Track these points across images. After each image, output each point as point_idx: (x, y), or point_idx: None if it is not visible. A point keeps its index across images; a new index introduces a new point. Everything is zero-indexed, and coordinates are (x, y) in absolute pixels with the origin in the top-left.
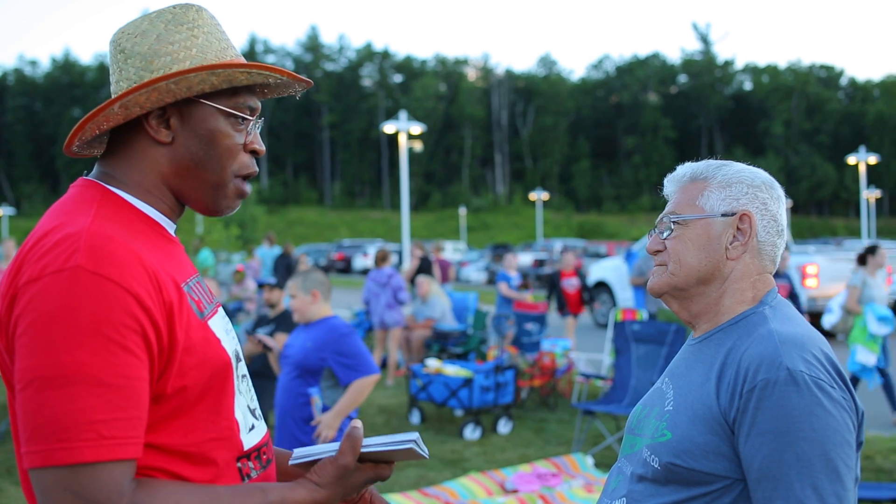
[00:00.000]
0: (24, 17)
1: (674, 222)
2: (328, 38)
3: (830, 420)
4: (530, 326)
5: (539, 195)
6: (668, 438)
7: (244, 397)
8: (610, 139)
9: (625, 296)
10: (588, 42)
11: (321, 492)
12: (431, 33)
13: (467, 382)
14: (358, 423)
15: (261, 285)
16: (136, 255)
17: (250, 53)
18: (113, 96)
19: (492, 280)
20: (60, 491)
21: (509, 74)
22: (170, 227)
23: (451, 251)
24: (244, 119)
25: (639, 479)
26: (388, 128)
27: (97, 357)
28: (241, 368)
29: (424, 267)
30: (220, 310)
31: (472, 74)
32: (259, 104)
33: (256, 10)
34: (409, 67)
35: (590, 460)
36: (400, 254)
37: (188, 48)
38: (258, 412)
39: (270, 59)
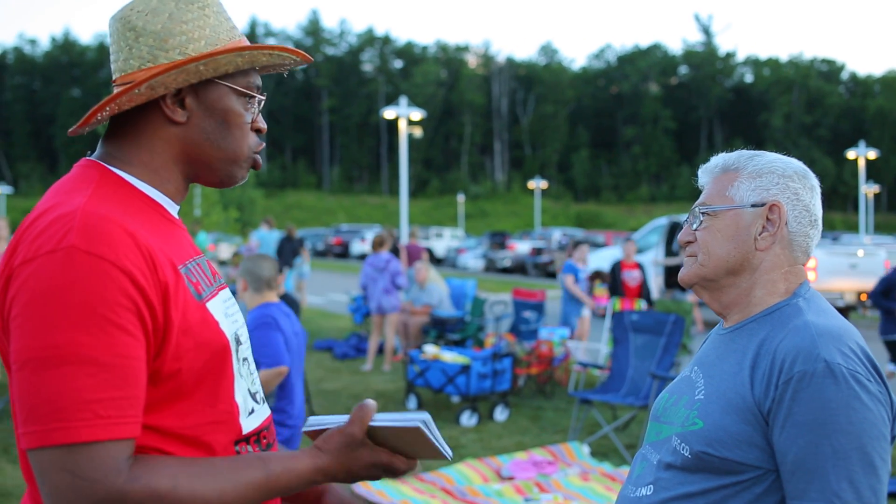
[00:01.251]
0: None
1: (703, 213)
2: (329, 23)
3: (867, 413)
4: (528, 314)
5: (538, 184)
6: (700, 427)
7: (245, 381)
8: (610, 129)
9: None
10: (590, 31)
11: (324, 458)
12: (433, 19)
13: (465, 369)
14: (371, 401)
15: None
16: (130, 234)
17: (251, 36)
18: (118, 74)
19: (490, 267)
20: (58, 471)
21: (510, 62)
22: (172, 208)
23: (449, 238)
24: (252, 97)
25: (667, 466)
26: (388, 113)
27: (92, 336)
28: (243, 352)
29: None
30: (224, 292)
31: (472, 61)
32: (261, 83)
33: None
34: (409, 53)
35: (586, 449)
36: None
37: (202, 27)
38: (259, 396)
39: (271, 42)
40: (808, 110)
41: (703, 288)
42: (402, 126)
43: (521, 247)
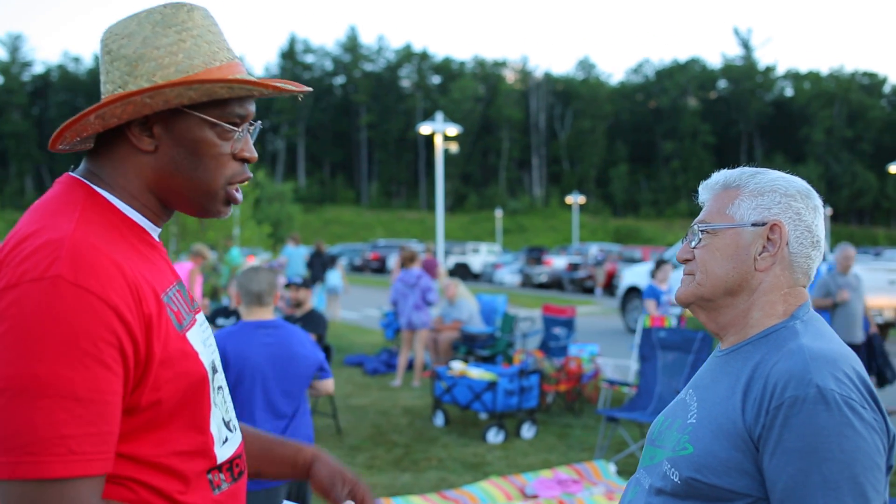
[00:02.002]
0: (69, 15)
1: (702, 231)
2: (367, 39)
3: (860, 442)
4: (558, 331)
5: (576, 199)
6: (690, 452)
7: (219, 409)
8: (648, 144)
9: None
10: (627, 46)
11: None
12: (470, 35)
13: (491, 386)
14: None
15: (287, 284)
16: (118, 266)
17: (290, 53)
18: (102, 97)
19: (526, 283)
20: None
21: (548, 77)
22: (153, 231)
23: (486, 253)
24: (231, 127)
25: (657, 492)
26: (425, 129)
27: (72, 371)
28: (218, 380)
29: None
30: (200, 317)
31: (510, 77)
32: (251, 109)
33: (296, 11)
34: (447, 69)
35: (612, 467)
36: (434, 254)
37: (174, 53)
38: (233, 423)
39: (310, 58)
40: (850, 124)
41: (700, 308)
42: (439, 141)
43: (558, 262)
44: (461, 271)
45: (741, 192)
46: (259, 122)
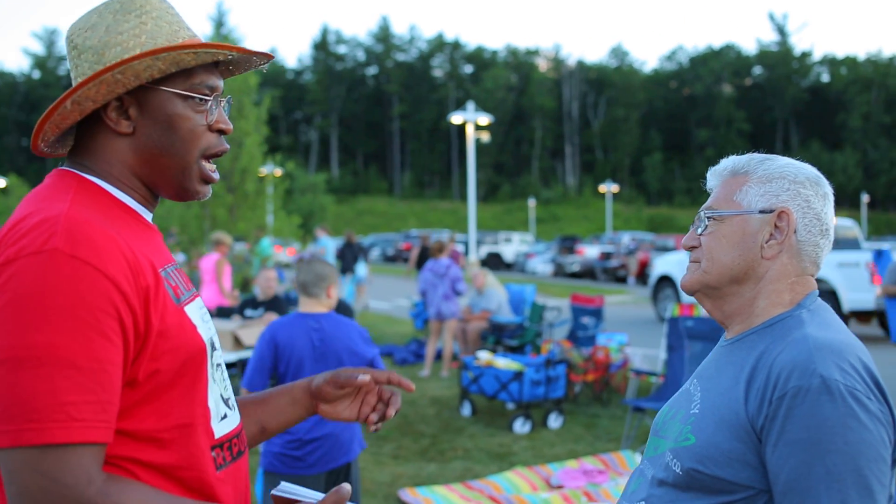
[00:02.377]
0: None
1: (709, 217)
2: (399, 29)
3: (865, 433)
4: (586, 320)
5: (609, 187)
6: (692, 443)
7: (217, 386)
8: (682, 131)
9: None
10: (661, 33)
11: None
12: (503, 24)
13: (517, 376)
14: (347, 485)
15: None
16: (113, 239)
17: (323, 44)
18: None
19: (558, 272)
20: (29, 472)
21: (581, 65)
22: (146, 214)
23: (518, 243)
24: (202, 99)
25: (659, 483)
26: (456, 118)
27: (71, 340)
28: (217, 357)
29: (424, 254)
30: (199, 300)
31: (543, 65)
32: (220, 83)
33: (329, 2)
34: (479, 58)
35: (638, 457)
36: (466, 244)
37: (137, 36)
38: (232, 402)
39: (342, 49)
40: (888, 110)
41: (705, 296)
42: (470, 131)
43: (591, 251)
44: (494, 261)
45: (749, 178)
46: (230, 96)
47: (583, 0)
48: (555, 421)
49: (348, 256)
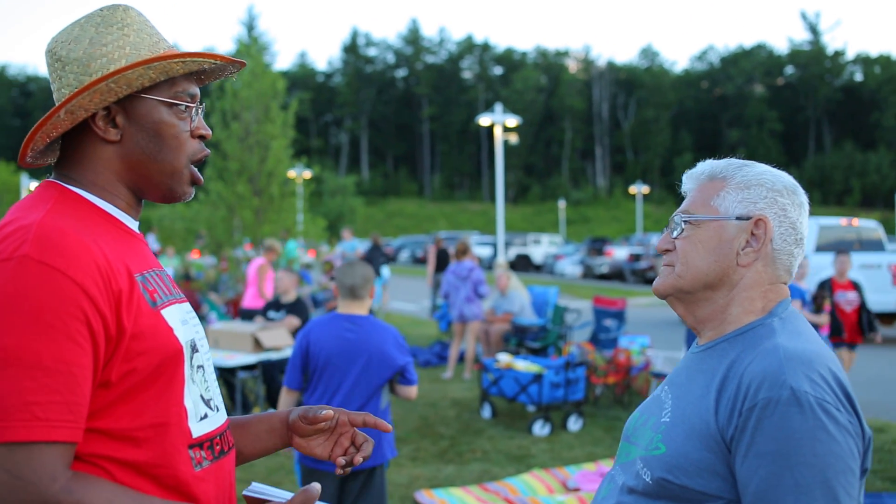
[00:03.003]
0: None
1: (685, 221)
2: (429, 31)
3: (834, 445)
4: (609, 322)
5: (639, 188)
6: (662, 452)
7: (198, 387)
8: (713, 132)
9: None
10: (692, 33)
11: None
12: (532, 25)
13: (537, 378)
14: (316, 485)
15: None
16: (85, 245)
17: (352, 47)
18: (57, 104)
19: (587, 274)
20: None
21: (611, 66)
22: (130, 222)
23: (547, 244)
24: (186, 106)
25: (629, 490)
26: (484, 120)
27: (38, 342)
28: (198, 359)
29: (442, 258)
30: (184, 304)
31: (572, 66)
32: (198, 91)
33: (358, 4)
34: (509, 59)
35: None
36: (495, 245)
37: (121, 47)
38: (214, 402)
39: (372, 52)
40: None
41: (678, 300)
42: (498, 133)
43: (619, 253)
44: (522, 262)
45: (727, 183)
46: (203, 104)
47: (613, 1)
48: (574, 423)
49: (375, 259)
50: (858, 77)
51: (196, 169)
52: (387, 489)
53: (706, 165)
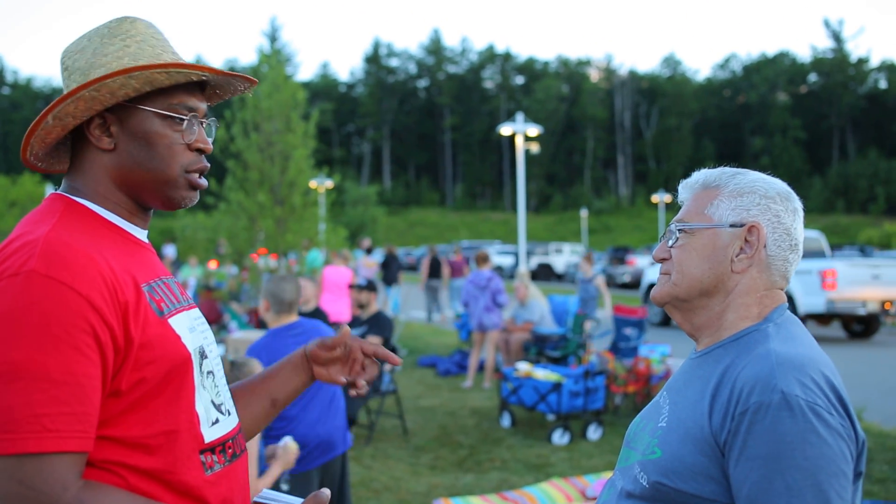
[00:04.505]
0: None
1: (680, 230)
2: (451, 41)
3: (825, 448)
4: (629, 331)
5: (662, 197)
6: (658, 456)
7: (208, 392)
8: (736, 140)
9: None
10: (714, 41)
11: None
12: (554, 35)
13: (556, 387)
14: (326, 490)
15: (351, 286)
16: (91, 258)
17: (374, 58)
18: None
19: (609, 283)
20: (6, 479)
21: (632, 75)
22: (136, 231)
23: (569, 253)
24: (181, 119)
25: (627, 495)
26: (506, 129)
27: (46, 355)
28: (208, 365)
29: (434, 266)
30: (193, 311)
31: (594, 75)
32: (201, 105)
33: (380, 15)
34: (530, 69)
35: None
36: (517, 255)
37: (120, 58)
38: (226, 407)
39: (394, 62)
40: None
41: (674, 308)
42: (520, 142)
43: (641, 262)
44: (544, 272)
45: (720, 192)
46: (214, 118)
47: (635, 10)
48: (594, 432)
49: (392, 269)
50: (882, 84)
51: (196, 176)
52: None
53: (700, 175)
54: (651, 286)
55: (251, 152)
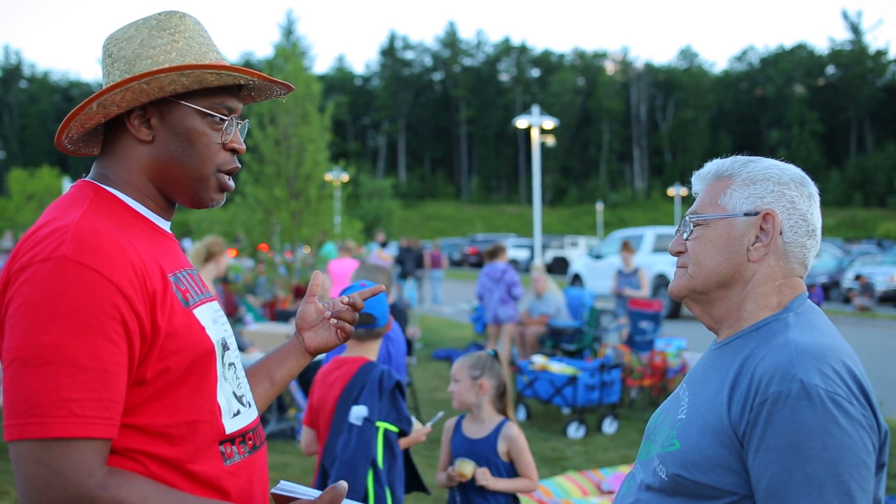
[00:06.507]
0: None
1: (694, 222)
2: (466, 34)
3: (846, 439)
4: (645, 325)
5: (678, 191)
6: (677, 448)
7: (230, 384)
8: (753, 133)
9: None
10: (731, 33)
11: None
12: (570, 27)
13: (571, 380)
14: (343, 483)
15: None
16: (121, 246)
17: (390, 50)
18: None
19: None
20: (33, 463)
21: (649, 67)
22: (162, 223)
23: (584, 247)
24: (221, 118)
25: (647, 487)
26: (521, 122)
27: (75, 340)
28: (229, 357)
29: (403, 256)
30: (214, 303)
31: (610, 68)
32: (239, 105)
33: (395, 7)
34: (546, 62)
35: None
36: (532, 248)
37: (168, 52)
38: (246, 399)
39: (409, 55)
40: None
41: (693, 301)
42: (535, 135)
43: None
44: (559, 265)
45: (733, 181)
46: (247, 119)
47: (651, 2)
48: (609, 426)
49: (408, 261)
50: None
51: (226, 177)
52: None
53: (713, 165)
54: (658, 277)
55: (266, 145)
